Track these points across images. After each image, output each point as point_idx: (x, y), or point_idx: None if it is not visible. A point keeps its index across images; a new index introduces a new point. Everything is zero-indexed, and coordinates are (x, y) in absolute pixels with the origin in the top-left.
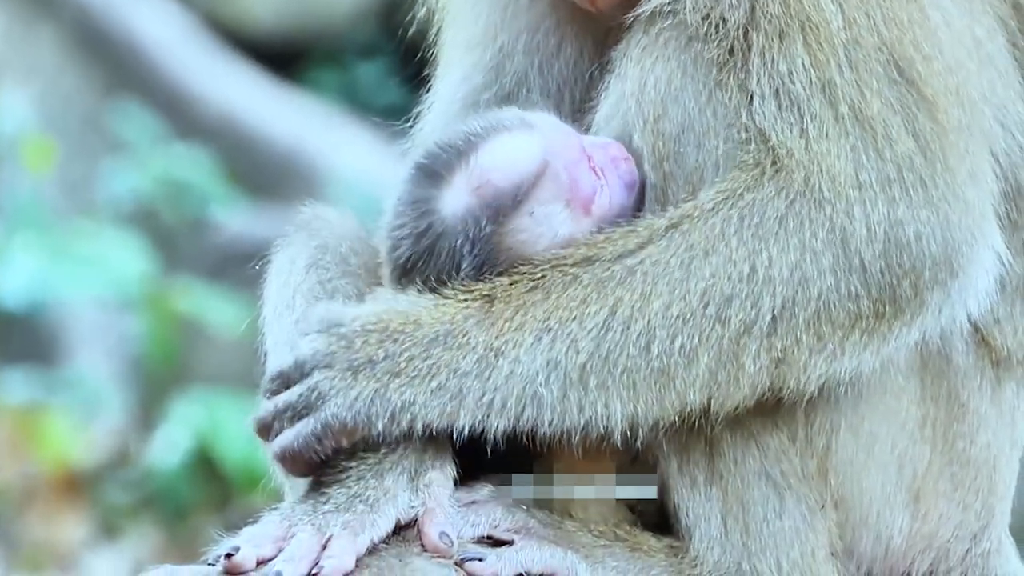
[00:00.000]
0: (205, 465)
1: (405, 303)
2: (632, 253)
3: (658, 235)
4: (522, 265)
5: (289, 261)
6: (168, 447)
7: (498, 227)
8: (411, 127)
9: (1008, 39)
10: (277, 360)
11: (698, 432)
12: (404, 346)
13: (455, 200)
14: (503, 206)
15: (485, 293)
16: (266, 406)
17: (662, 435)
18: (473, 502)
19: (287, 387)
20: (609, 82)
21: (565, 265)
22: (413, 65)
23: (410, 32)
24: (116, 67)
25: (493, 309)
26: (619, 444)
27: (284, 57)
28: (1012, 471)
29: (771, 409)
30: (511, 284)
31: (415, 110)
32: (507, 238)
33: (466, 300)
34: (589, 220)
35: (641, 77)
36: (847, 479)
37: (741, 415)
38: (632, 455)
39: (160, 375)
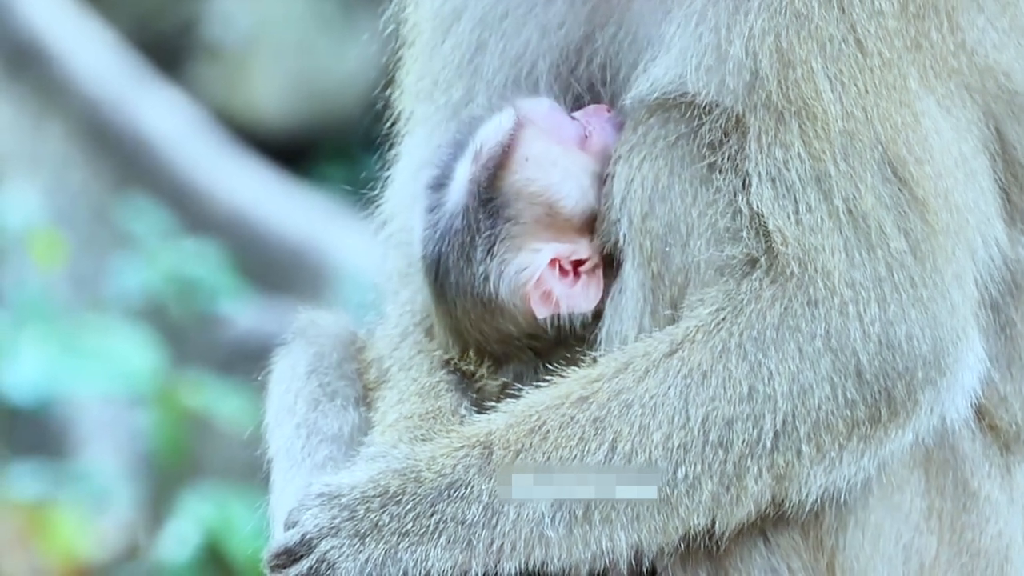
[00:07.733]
0: (214, 560)
1: (400, 460)
2: (629, 389)
3: (654, 365)
4: (519, 409)
5: (290, 368)
6: (177, 542)
7: (500, 178)
8: (377, 195)
9: (990, 163)
10: (279, 536)
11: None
12: (408, 506)
13: (459, 180)
14: (494, 157)
15: (482, 440)
16: None
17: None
18: None
19: (295, 561)
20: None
21: (561, 406)
22: None
23: None
24: (124, 161)
25: (493, 456)
26: (623, 570)
27: (292, 151)
28: None
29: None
30: (508, 428)
31: (381, 176)
32: (517, 186)
33: (463, 448)
34: (587, 156)
35: (629, 175)
36: None
37: None
38: None
39: (169, 470)
